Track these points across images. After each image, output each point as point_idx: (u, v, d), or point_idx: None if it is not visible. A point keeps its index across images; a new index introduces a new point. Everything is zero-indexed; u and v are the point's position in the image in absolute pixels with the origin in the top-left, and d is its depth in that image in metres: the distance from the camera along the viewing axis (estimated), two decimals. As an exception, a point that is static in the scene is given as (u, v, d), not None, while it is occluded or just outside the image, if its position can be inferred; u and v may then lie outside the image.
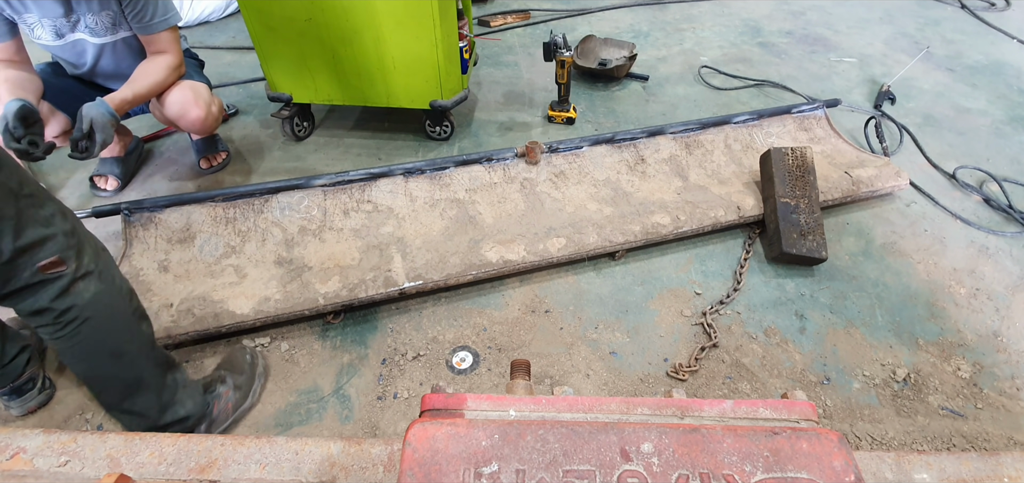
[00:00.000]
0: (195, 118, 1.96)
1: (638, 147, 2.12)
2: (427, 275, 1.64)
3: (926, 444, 1.36)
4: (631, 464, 0.62)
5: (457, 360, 1.53)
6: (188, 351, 1.55)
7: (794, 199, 1.81)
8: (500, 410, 0.70)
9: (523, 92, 2.84)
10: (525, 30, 3.52)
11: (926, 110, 2.65)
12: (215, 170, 2.26)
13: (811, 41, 3.35)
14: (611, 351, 1.57)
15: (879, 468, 0.95)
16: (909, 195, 2.13)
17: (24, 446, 0.96)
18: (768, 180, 1.89)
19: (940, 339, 1.60)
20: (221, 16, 3.73)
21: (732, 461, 0.62)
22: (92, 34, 1.81)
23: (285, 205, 1.84)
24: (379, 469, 0.93)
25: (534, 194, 1.97)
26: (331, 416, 1.41)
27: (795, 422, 0.70)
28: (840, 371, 1.52)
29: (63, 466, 0.93)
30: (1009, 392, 1.48)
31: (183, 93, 1.92)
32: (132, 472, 0.92)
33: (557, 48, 2.37)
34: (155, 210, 1.76)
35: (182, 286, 1.63)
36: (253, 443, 0.96)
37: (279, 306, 1.55)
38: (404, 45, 2.06)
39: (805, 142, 2.24)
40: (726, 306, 1.69)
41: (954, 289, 1.75)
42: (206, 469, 0.92)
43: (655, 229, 1.81)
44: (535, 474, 0.61)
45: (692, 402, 0.71)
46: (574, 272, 1.81)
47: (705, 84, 2.90)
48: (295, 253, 1.75)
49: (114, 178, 2.14)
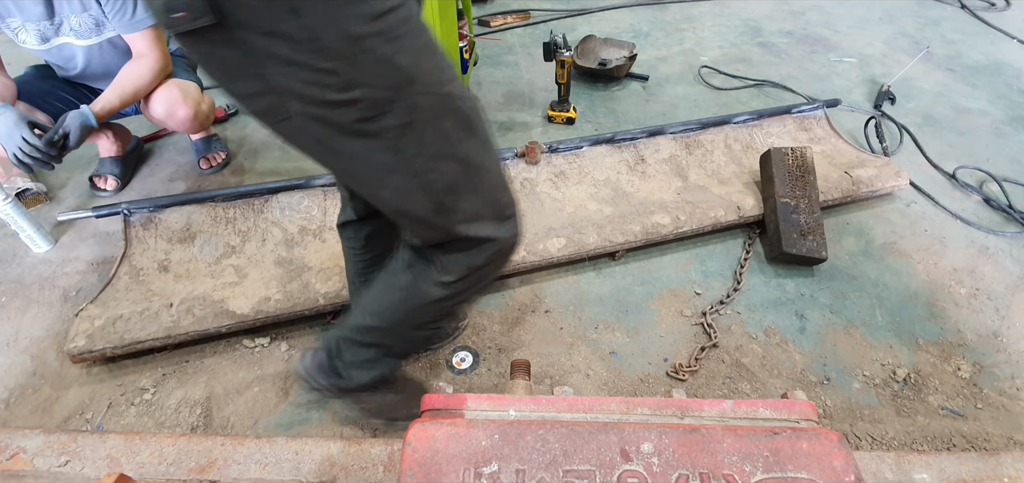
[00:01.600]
0: (183, 117, 1.94)
1: (638, 147, 2.12)
2: (427, 275, 1.64)
3: (926, 444, 1.36)
4: (631, 464, 0.62)
5: (457, 360, 1.53)
6: (188, 351, 1.55)
7: (794, 199, 1.81)
8: (500, 410, 0.70)
9: (523, 92, 2.84)
10: (525, 30, 3.52)
11: (926, 110, 2.65)
12: (215, 170, 2.26)
13: (811, 41, 3.35)
14: (611, 351, 1.57)
15: (879, 468, 0.96)
16: (909, 195, 2.13)
17: (24, 446, 0.96)
18: (768, 180, 1.88)
19: (940, 339, 1.60)
20: (221, 16, 3.72)
21: (732, 461, 0.62)
22: (78, 37, 1.80)
23: (285, 205, 1.84)
24: (379, 469, 0.93)
25: (534, 194, 1.97)
26: (331, 416, 1.41)
27: (795, 422, 0.70)
28: (840, 371, 1.52)
29: (63, 466, 0.93)
30: (1009, 392, 1.47)
31: (170, 92, 1.90)
32: (132, 472, 0.92)
33: (557, 48, 2.37)
34: (155, 210, 1.76)
35: (182, 286, 1.63)
36: (253, 443, 0.96)
37: (279, 306, 1.55)
38: (404, 45, 2.05)
39: (805, 142, 2.24)
40: (726, 306, 1.69)
41: (954, 289, 1.75)
42: (206, 469, 0.92)
43: (655, 229, 1.81)
44: (535, 474, 0.61)
45: (692, 402, 0.71)
46: (574, 272, 1.81)
47: (705, 84, 2.90)
48: (295, 253, 1.75)
49: (113, 178, 2.14)
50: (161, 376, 1.49)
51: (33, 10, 1.70)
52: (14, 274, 1.79)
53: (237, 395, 1.45)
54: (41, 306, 1.68)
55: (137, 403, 1.43)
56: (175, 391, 1.46)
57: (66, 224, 1.95)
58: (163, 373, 1.50)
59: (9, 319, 1.64)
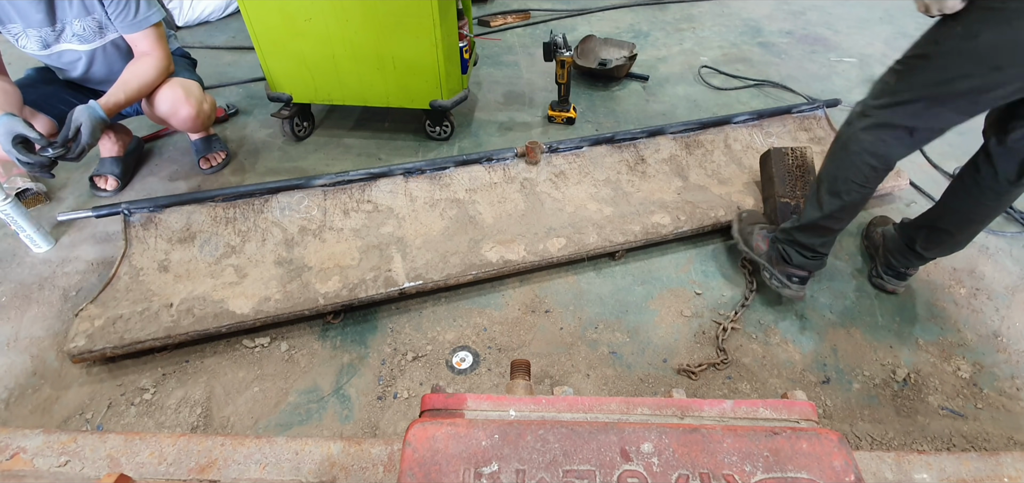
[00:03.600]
0: (186, 115, 1.96)
1: (638, 147, 2.12)
2: (427, 275, 1.64)
3: (926, 444, 1.36)
4: (631, 464, 0.62)
5: (457, 360, 1.53)
6: (188, 351, 1.55)
7: (794, 199, 1.81)
8: (500, 410, 0.70)
9: (523, 92, 2.84)
10: (525, 30, 3.52)
11: (926, 110, 2.64)
12: (215, 170, 2.26)
13: (811, 41, 3.35)
14: (611, 351, 1.57)
15: (879, 468, 0.95)
16: (909, 195, 2.13)
17: (24, 446, 0.96)
18: (768, 180, 1.89)
19: (940, 339, 1.60)
20: (221, 16, 3.73)
21: (732, 461, 0.62)
22: (80, 41, 1.80)
23: (285, 205, 1.84)
24: (379, 469, 0.93)
25: (534, 194, 1.97)
26: (331, 416, 1.41)
27: (795, 422, 0.70)
28: (840, 371, 1.52)
29: (63, 466, 0.93)
30: (1009, 392, 1.48)
31: (173, 90, 1.91)
32: (132, 472, 0.92)
33: (557, 48, 2.37)
34: (155, 210, 1.76)
35: (182, 286, 1.63)
36: (253, 443, 0.96)
37: (279, 306, 1.55)
38: (404, 45, 2.06)
39: (805, 142, 2.24)
40: (742, 313, 1.66)
41: (954, 289, 1.75)
42: (206, 469, 0.92)
43: (655, 229, 1.81)
44: (535, 474, 0.61)
45: (692, 402, 0.71)
46: (574, 272, 1.81)
47: (705, 84, 2.90)
48: (295, 253, 1.75)
49: (114, 178, 2.14)
50: (161, 376, 1.49)
51: (34, 17, 1.70)
52: (14, 274, 1.79)
53: (237, 395, 1.45)
54: (41, 306, 1.68)
55: (137, 403, 1.43)
56: (175, 391, 1.46)
57: (66, 224, 1.95)
58: (163, 373, 1.50)
59: (9, 319, 1.64)
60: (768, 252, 1.64)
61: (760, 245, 1.66)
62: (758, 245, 1.67)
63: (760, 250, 1.66)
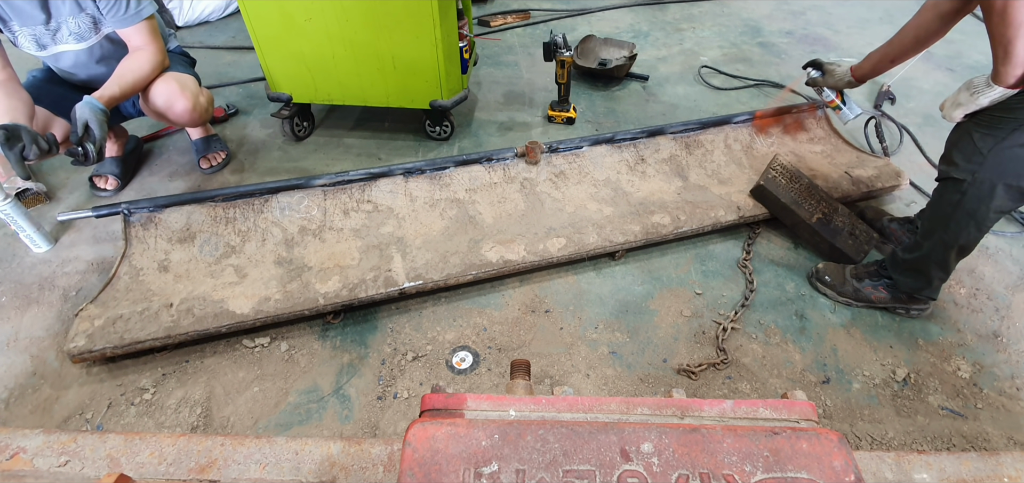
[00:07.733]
0: (182, 109, 1.95)
1: (638, 147, 2.12)
2: (427, 275, 1.64)
3: (926, 444, 1.36)
4: (631, 464, 0.62)
5: (457, 360, 1.53)
6: (188, 351, 1.55)
7: (820, 211, 1.80)
8: (500, 410, 0.69)
9: (523, 92, 2.84)
10: (525, 30, 3.52)
11: (926, 110, 2.64)
12: (215, 170, 2.26)
13: (811, 41, 3.35)
14: (611, 351, 1.57)
15: (879, 468, 0.95)
16: (909, 195, 2.13)
17: (24, 446, 0.96)
18: (782, 209, 1.84)
19: (940, 339, 1.60)
20: (221, 16, 3.73)
21: (732, 461, 0.62)
22: (78, 40, 1.80)
23: (285, 205, 1.84)
24: (379, 469, 0.93)
25: (534, 194, 1.97)
26: (331, 416, 1.41)
27: (795, 422, 0.70)
28: (840, 371, 1.52)
29: (63, 466, 0.93)
30: (1009, 392, 1.48)
31: (168, 84, 1.90)
32: (132, 472, 0.92)
33: (557, 48, 2.37)
34: (155, 210, 1.76)
35: (182, 286, 1.63)
36: (253, 443, 0.96)
37: (279, 306, 1.55)
38: (404, 45, 2.06)
39: (805, 142, 2.24)
40: (743, 313, 1.66)
41: (954, 289, 1.75)
42: (206, 469, 0.92)
43: (655, 229, 1.81)
44: (535, 474, 0.61)
45: (692, 402, 0.71)
46: (574, 272, 1.81)
47: (705, 84, 2.90)
48: (295, 253, 1.75)
49: (114, 178, 2.14)
50: (161, 376, 1.49)
51: (30, 15, 1.70)
52: (14, 274, 1.79)
53: (237, 395, 1.45)
54: (41, 306, 1.68)
55: (137, 403, 1.43)
56: (175, 391, 1.46)
57: (66, 224, 1.95)
58: (163, 373, 1.50)
59: (9, 319, 1.64)
60: (889, 297, 1.64)
61: (881, 294, 1.65)
62: (878, 296, 1.65)
63: (883, 299, 1.65)
